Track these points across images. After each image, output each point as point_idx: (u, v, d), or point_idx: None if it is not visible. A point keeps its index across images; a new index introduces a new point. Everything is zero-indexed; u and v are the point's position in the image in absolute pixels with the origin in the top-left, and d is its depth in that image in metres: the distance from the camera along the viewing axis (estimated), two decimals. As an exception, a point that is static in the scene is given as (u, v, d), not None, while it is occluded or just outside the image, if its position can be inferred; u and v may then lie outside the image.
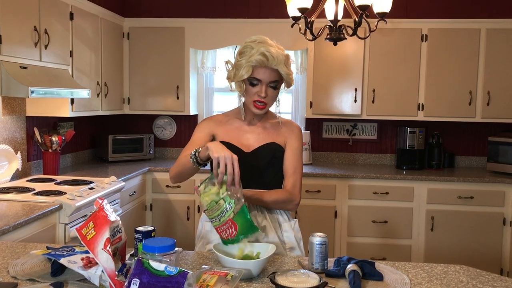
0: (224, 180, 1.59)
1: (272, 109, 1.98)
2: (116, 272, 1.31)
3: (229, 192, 1.58)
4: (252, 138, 1.92)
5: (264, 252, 1.57)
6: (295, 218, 2.00)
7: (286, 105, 4.68)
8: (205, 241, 1.90)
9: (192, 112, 4.56)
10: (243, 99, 1.92)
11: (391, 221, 3.99)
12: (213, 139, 1.97)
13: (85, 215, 2.81)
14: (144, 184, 4.13)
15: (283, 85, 1.91)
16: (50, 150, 3.52)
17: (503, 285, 1.48)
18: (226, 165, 1.57)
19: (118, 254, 1.40)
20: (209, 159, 1.68)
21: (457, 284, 1.49)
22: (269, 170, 1.90)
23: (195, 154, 1.70)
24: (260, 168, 1.88)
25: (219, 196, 1.59)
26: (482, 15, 4.26)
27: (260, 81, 1.82)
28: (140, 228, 1.50)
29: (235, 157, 1.59)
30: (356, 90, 4.21)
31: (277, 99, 1.93)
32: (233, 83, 1.89)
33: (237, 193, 1.58)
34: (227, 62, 1.91)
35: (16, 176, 3.26)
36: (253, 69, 1.81)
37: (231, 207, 1.57)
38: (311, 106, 4.28)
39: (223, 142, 1.89)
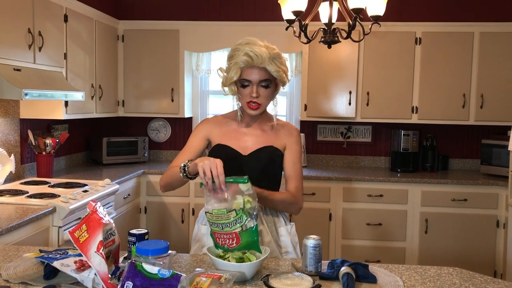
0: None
1: (270, 110, 1.98)
2: (109, 275, 1.31)
3: (245, 207, 1.51)
4: (250, 141, 1.92)
5: (257, 255, 1.57)
6: (292, 222, 2.00)
7: (281, 108, 4.69)
8: (200, 245, 1.90)
9: (187, 114, 4.56)
10: (240, 104, 1.92)
11: (385, 224, 4.00)
12: (208, 143, 1.96)
13: (79, 218, 2.80)
14: (138, 186, 4.12)
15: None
16: (44, 153, 3.50)
17: (495, 287, 1.48)
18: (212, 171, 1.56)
19: (111, 257, 1.40)
20: (198, 173, 1.67)
21: (450, 286, 1.49)
22: (266, 174, 1.90)
23: (184, 168, 1.71)
24: (257, 171, 1.88)
25: (232, 207, 1.51)
26: (475, 18, 4.28)
27: (250, 82, 1.83)
28: (133, 231, 1.50)
29: (218, 160, 1.58)
30: (350, 93, 4.22)
31: (274, 99, 1.93)
32: (226, 88, 1.89)
33: (253, 211, 1.52)
34: (219, 69, 1.92)
35: (10, 179, 3.24)
36: (241, 70, 1.82)
37: (241, 222, 1.51)
38: (305, 109, 4.29)
39: (220, 145, 1.90)
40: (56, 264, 1.43)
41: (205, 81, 4.81)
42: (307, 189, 3.97)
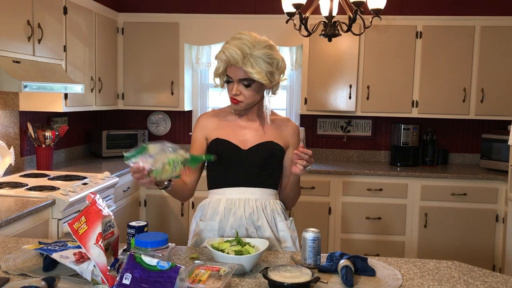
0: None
1: (267, 103, 1.96)
2: (108, 267, 1.31)
3: (171, 155, 1.56)
4: (249, 134, 1.90)
5: (257, 247, 1.57)
6: (291, 217, 2.00)
7: (281, 102, 4.68)
8: (198, 239, 1.90)
9: (187, 108, 4.55)
10: None
11: (384, 218, 4.01)
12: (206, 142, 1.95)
13: (79, 211, 2.78)
14: (138, 180, 4.11)
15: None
16: (43, 146, 3.50)
17: (494, 281, 1.49)
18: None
19: (110, 249, 1.40)
20: (168, 182, 1.69)
21: (448, 279, 1.49)
22: (266, 169, 1.89)
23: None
24: (257, 166, 1.87)
25: (163, 163, 1.55)
26: (476, 12, 4.27)
27: (232, 79, 1.81)
28: (132, 223, 1.50)
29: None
30: (350, 86, 4.21)
31: (268, 96, 1.89)
32: (217, 79, 1.88)
33: (176, 152, 1.58)
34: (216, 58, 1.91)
35: (9, 171, 3.24)
36: (225, 66, 1.80)
37: (179, 162, 1.57)
38: (305, 103, 4.29)
39: (219, 139, 1.89)
40: (55, 256, 1.44)
41: (205, 74, 4.80)
42: (307, 183, 3.98)
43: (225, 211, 1.86)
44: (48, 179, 3.17)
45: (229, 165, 1.88)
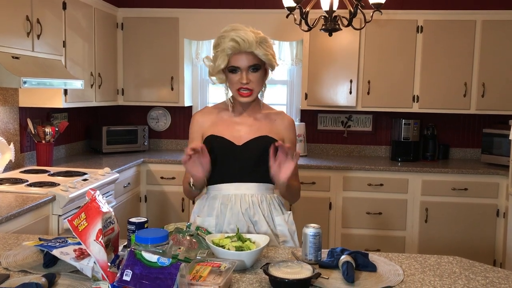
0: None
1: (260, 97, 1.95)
2: (109, 264, 1.30)
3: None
4: (243, 130, 1.90)
5: (257, 243, 1.57)
6: (289, 210, 2.00)
7: (281, 97, 4.67)
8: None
9: (187, 103, 4.54)
10: (230, 93, 1.90)
11: (385, 213, 4.00)
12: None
13: (79, 207, 2.79)
14: (138, 175, 4.11)
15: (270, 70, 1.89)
16: (43, 142, 3.50)
17: (495, 276, 1.48)
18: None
19: (110, 246, 1.39)
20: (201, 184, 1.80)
21: (450, 275, 1.49)
22: (261, 163, 1.87)
23: (192, 186, 1.84)
24: (252, 161, 1.86)
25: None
26: (477, 6, 4.24)
27: (239, 68, 1.79)
28: (133, 219, 1.49)
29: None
30: (351, 81, 4.20)
31: (264, 85, 1.89)
32: (214, 77, 1.87)
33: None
34: (206, 58, 1.89)
35: (9, 167, 3.24)
36: (229, 58, 1.79)
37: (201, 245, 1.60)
38: (306, 98, 4.27)
39: (213, 136, 1.88)
40: (55, 252, 1.43)
41: (205, 69, 4.78)
42: (307, 178, 3.97)
43: (221, 207, 1.86)
44: (48, 175, 3.16)
45: (224, 161, 1.87)
